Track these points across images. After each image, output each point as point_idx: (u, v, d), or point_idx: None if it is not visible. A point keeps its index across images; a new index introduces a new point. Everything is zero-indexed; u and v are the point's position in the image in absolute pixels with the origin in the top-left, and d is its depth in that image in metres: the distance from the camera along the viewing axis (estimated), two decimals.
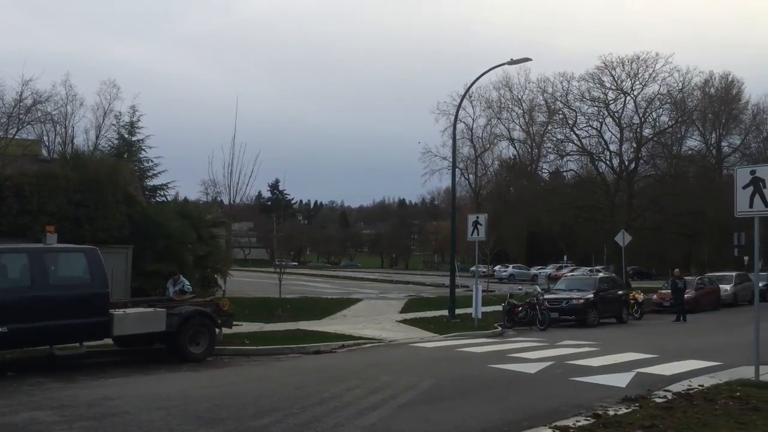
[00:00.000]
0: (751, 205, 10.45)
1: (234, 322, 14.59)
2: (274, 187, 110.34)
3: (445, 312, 21.74)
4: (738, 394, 8.74)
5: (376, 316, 21.84)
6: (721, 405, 8.06)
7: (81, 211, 17.77)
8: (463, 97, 31.51)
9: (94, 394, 9.07)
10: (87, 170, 18.40)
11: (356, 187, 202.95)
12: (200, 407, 8.21)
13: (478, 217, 20.88)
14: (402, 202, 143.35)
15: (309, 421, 7.48)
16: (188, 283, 15.21)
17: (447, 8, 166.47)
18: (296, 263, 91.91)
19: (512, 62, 22.14)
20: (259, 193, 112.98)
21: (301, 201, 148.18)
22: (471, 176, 74.71)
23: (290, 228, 77.33)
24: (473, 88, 67.35)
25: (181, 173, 49.68)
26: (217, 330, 13.09)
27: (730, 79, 63.32)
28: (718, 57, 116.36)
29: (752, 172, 10.58)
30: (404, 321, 20.30)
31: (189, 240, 19.05)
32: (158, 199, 25.29)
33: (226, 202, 25.50)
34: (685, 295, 24.57)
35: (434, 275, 57.49)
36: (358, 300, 27.83)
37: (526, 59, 22.08)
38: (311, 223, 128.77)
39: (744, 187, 10.50)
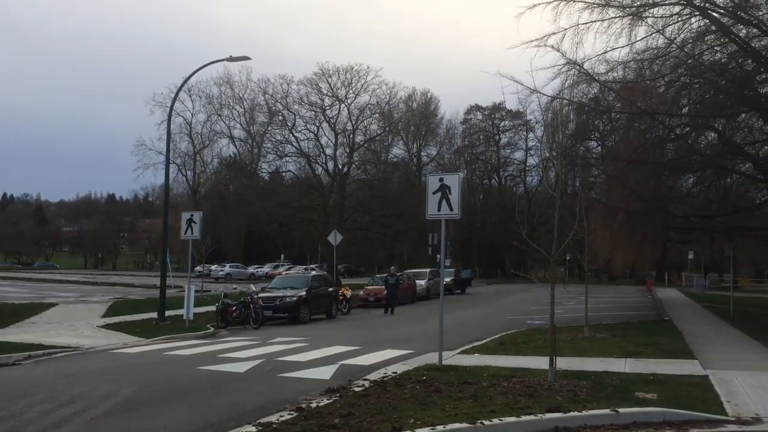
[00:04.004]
0: (439, 209, 11.77)
1: None
2: None
3: (154, 314, 20.67)
4: (424, 378, 9.74)
5: (73, 321, 19.78)
6: (409, 389, 8.88)
7: None
8: (180, 89, 30.17)
9: None
10: None
11: (56, 180, 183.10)
12: None
13: (192, 215, 20.27)
14: (111, 197, 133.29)
15: None
16: None
17: None
18: None
19: (231, 59, 21.90)
20: None
21: None
22: (189, 173, 72.44)
23: None
24: (193, 82, 65.58)
25: None
26: None
27: (429, 96, 71.38)
28: (420, 74, 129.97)
29: (440, 180, 11.94)
30: (107, 326, 18.76)
31: None
32: None
33: None
34: (386, 291, 26.79)
35: (145, 276, 54.39)
36: (52, 304, 24.96)
37: (246, 57, 22.04)
38: None
39: (434, 193, 11.79)
